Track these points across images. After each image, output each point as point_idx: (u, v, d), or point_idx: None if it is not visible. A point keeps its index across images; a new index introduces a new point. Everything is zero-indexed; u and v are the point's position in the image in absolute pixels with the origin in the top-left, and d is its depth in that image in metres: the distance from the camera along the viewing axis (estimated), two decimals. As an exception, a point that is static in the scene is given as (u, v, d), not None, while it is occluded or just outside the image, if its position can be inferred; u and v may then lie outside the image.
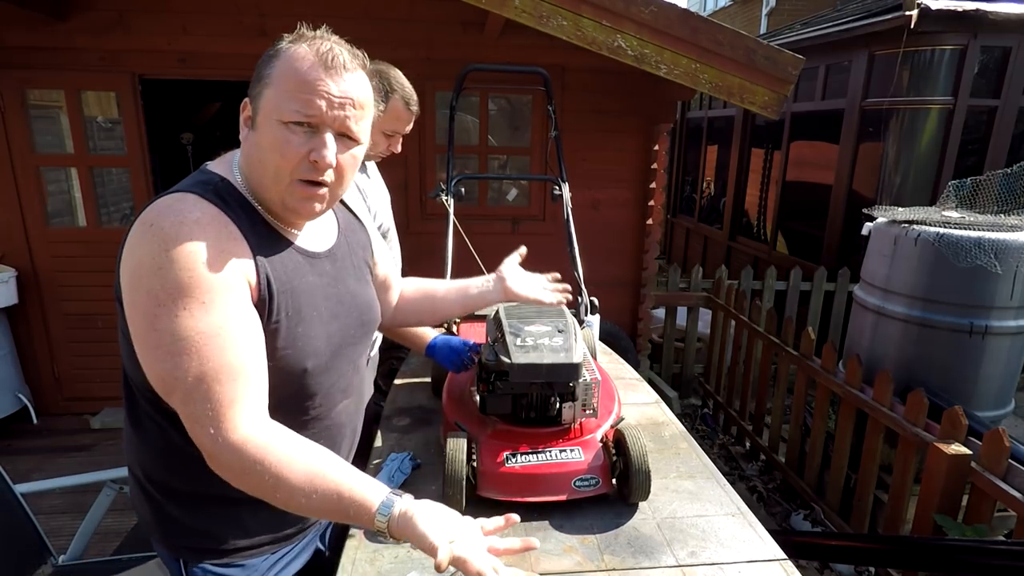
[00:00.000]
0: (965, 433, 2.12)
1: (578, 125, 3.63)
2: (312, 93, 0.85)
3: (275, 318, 0.90)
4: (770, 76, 2.84)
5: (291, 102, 0.85)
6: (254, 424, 0.83)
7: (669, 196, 8.46)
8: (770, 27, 10.47)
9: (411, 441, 1.54)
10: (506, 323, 1.39)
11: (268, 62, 0.88)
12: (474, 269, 2.25)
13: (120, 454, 3.55)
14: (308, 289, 0.95)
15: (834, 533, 2.81)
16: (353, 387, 1.12)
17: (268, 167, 0.88)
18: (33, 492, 1.65)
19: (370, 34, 3.36)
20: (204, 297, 0.80)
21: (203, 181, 0.90)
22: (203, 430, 0.81)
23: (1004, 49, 4.22)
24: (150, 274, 0.80)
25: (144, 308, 0.81)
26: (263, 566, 1.06)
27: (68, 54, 3.23)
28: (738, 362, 3.84)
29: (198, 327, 0.80)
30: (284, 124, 0.85)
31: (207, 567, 1.00)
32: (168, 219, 0.81)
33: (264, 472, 0.81)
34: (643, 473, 1.22)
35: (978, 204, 3.13)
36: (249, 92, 0.90)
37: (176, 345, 0.80)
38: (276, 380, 0.90)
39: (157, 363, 0.82)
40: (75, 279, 3.49)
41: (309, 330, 0.94)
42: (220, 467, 0.83)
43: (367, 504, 0.82)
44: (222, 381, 0.81)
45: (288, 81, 0.85)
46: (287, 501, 0.83)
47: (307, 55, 0.86)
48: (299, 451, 0.83)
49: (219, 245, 0.83)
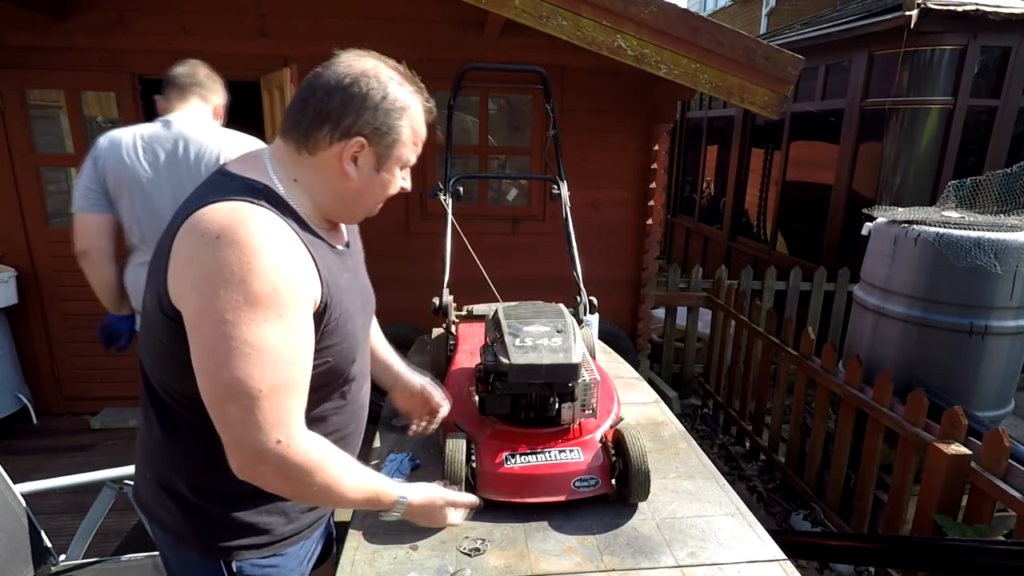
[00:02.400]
0: (965, 433, 2.12)
1: (578, 125, 3.63)
2: (422, 141, 1.00)
3: (333, 318, 0.96)
4: (770, 76, 2.84)
5: (414, 154, 1.00)
6: (308, 434, 0.90)
7: (669, 196, 8.46)
8: (770, 27, 10.47)
9: (410, 442, 1.54)
10: (505, 324, 1.39)
11: (398, 116, 0.95)
12: (474, 269, 2.25)
13: (120, 454, 3.54)
14: (346, 286, 1.02)
15: (834, 533, 2.81)
16: (368, 369, 1.20)
17: (376, 200, 1.02)
18: (33, 492, 1.65)
19: (370, 34, 3.36)
20: (282, 310, 0.84)
21: (248, 188, 0.90)
22: (266, 438, 0.84)
23: (1004, 49, 4.22)
24: (231, 283, 0.81)
25: (220, 317, 0.81)
26: (301, 553, 1.11)
27: (68, 54, 3.23)
28: (738, 362, 3.84)
29: (273, 340, 0.83)
30: (403, 168, 1.00)
31: (253, 562, 1.03)
32: (241, 230, 0.83)
33: (321, 476, 0.90)
34: (642, 473, 1.22)
35: (978, 204, 3.13)
36: (363, 133, 0.93)
37: (252, 356, 0.82)
38: (331, 372, 0.98)
39: (226, 371, 0.82)
40: (75, 279, 3.46)
41: (352, 323, 1.02)
42: (271, 474, 0.88)
43: (392, 496, 1.00)
44: (288, 393, 0.86)
45: (412, 138, 0.98)
46: (334, 500, 0.95)
47: (422, 112, 0.98)
48: (341, 457, 0.95)
49: (293, 257, 0.87)
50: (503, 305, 1.55)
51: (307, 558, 1.15)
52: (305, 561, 1.14)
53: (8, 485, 1.56)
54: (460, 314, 2.16)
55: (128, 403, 3.52)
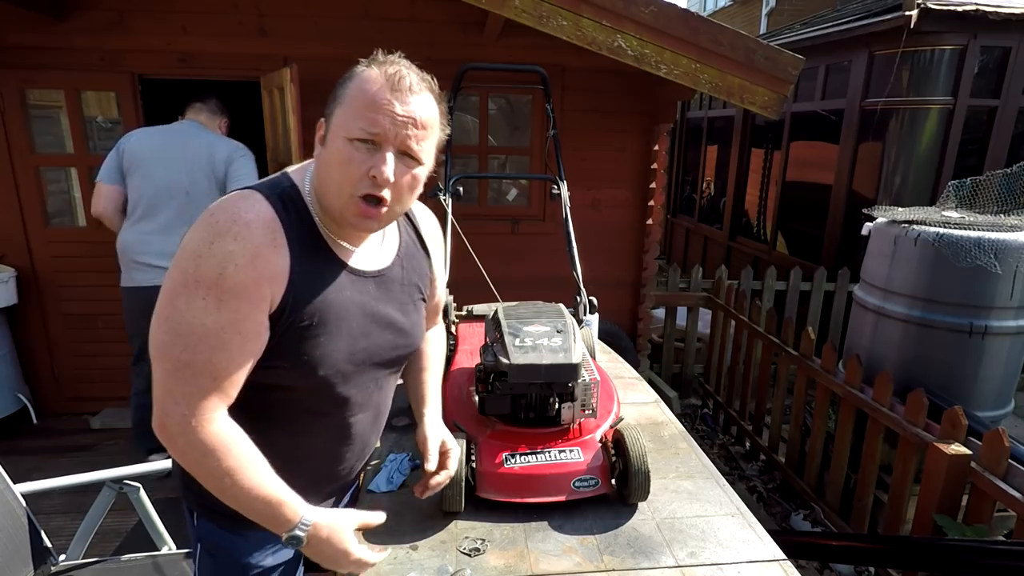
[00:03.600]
0: (965, 433, 2.12)
1: (578, 125, 3.63)
2: (377, 112, 0.89)
3: (295, 325, 0.94)
4: (770, 76, 2.84)
5: (358, 120, 0.90)
6: (221, 419, 0.91)
7: (669, 196, 8.46)
8: (770, 27, 10.46)
9: (410, 442, 1.54)
10: (505, 324, 1.39)
11: (342, 84, 0.94)
12: (474, 269, 2.25)
13: (120, 454, 3.55)
14: (342, 304, 0.99)
15: (834, 533, 2.81)
16: (371, 403, 1.13)
17: (332, 182, 0.93)
18: (33, 492, 1.65)
19: (370, 34, 3.36)
20: (223, 296, 0.87)
21: (274, 183, 0.97)
22: (175, 406, 0.88)
23: (1004, 49, 4.22)
24: (190, 257, 0.87)
25: (173, 283, 0.88)
26: (263, 540, 1.11)
27: (68, 54, 3.23)
28: (738, 362, 3.84)
29: (206, 321, 0.87)
30: (349, 141, 0.90)
31: (212, 527, 1.09)
32: (224, 214, 0.89)
33: (221, 462, 0.89)
34: (642, 473, 1.22)
35: (978, 204, 3.13)
36: (324, 112, 0.95)
37: (183, 327, 0.87)
38: (290, 377, 0.98)
39: (159, 332, 0.89)
40: (75, 279, 3.49)
41: (330, 341, 0.98)
42: (173, 442, 0.90)
43: (294, 515, 0.93)
44: (206, 374, 0.88)
45: (357, 101, 0.90)
46: (221, 492, 0.91)
47: (377, 77, 0.91)
48: (255, 461, 0.92)
49: (256, 251, 0.88)
50: (503, 305, 1.55)
51: (277, 549, 1.13)
52: (274, 551, 1.12)
53: (8, 485, 1.56)
54: (460, 314, 2.16)
55: (128, 403, 3.51)
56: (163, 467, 1.76)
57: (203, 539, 1.12)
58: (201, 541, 1.12)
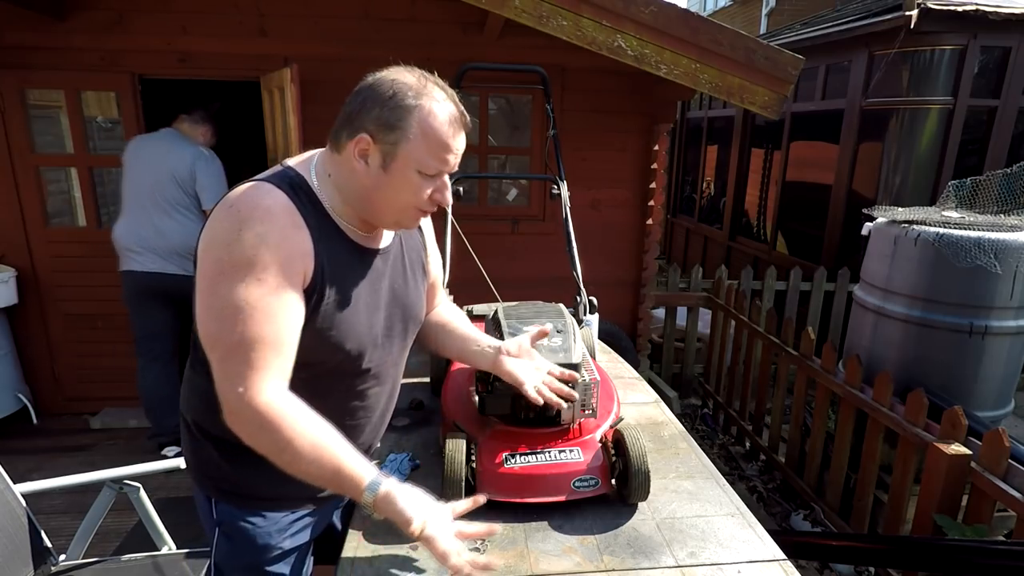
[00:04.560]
0: (965, 433, 2.12)
1: (578, 125, 3.63)
2: (448, 152, 1.01)
3: (324, 302, 1.01)
4: (770, 76, 2.84)
5: (432, 160, 1.00)
6: (276, 392, 0.93)
7: (669, 196, 8.46)
8: (770, 27, 10.47)
9: (410, 441, 1.54)
10: (504, 323, 1.39)
11: (401, 115, 0.97)
12: (474, 269, 2.25)
13: (120, 454, 3.56)
14: (356, 280, 1.07)
15: (834, 533, 2.81)
16: (388, 376, 1.20)
17: (397, 203, 1.02)
18: (33, 492, 1.65)
19: (370, 34, 3.36)
20: (261, 274, 0.92)
21: (280, 174, 1.03)
22: (232, 387, 0.91)
23: (1004, 49, 4.22)
24: (220, 246, 0.93)
25: (209, 274, 0.93)
26: (283, 521, 1.15)
27: (68, 54, 3.23)
28: (738, 362, 3.84)
29: (249, 298, 0.91)
30: (420, 174, 1.00)
31: (232, 509, 1.13)
32: (244, 203, 0.94)
33: (276, 435, 0.92)
34: (642, 473, 1.22)
35: (978, 204, 3.13)
36: (368, 129, 0.98)
37: (227, 310, 0.91)
38: (320, 354, 1.03)
39: (209, 322, 0.94)
40: (75, 279, 3.49)
41: (352, 316, 1.05)
42: (237, 422, 0.93)
43: (358, 480, 0.94)
44: (257, 348, 0.92)
45: (431, 141, 0.98)
46: (291, 464, 0.93)
47: (444, 119, 0.98)
48: (310, 423, 0.94)
49: (283, 232, 0.94)
50: (503, 305, 1.55)
51: (295, 532, 1.17)
52: (292, 534, 1.17)
53: (8, 485, 1.56)
54: (460, 314, 2.16)
55: (128, 403, 3.51)
56: (163, 466, 1.76)
57: (223, 522, 1.14)
58: (220, 525, 1.15)
